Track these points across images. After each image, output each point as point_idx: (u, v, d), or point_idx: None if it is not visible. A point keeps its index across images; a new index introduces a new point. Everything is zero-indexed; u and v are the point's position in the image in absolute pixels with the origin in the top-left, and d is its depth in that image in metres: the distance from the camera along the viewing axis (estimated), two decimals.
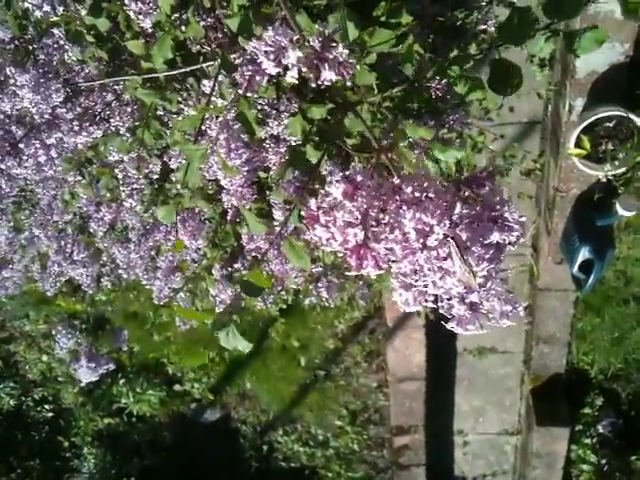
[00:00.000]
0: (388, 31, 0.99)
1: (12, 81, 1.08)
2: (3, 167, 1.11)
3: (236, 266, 1.88)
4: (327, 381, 3.88)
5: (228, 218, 1.75)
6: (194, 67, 1.05)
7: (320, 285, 1.99)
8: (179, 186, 1.24)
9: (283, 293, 2.32)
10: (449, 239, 0.73)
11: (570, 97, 2.64)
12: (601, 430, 3.45)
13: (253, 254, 1.77)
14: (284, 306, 3.24)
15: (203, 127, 1.21)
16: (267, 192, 1.56)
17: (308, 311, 3.59)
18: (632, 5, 0.83)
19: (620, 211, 2.67)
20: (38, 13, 0.98)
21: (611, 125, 2.63)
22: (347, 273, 0.80)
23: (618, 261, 3.24)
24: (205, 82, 1.06)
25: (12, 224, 1.87)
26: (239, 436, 4.04)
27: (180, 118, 1.21)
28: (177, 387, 3.98)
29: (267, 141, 1.30)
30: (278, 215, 1.32)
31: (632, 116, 2.56)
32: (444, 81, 1.51)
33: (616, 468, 3.46)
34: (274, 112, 1.27)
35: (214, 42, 1.09)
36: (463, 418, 3.83)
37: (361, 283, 2.34)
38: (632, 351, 3.47)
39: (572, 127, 2.64)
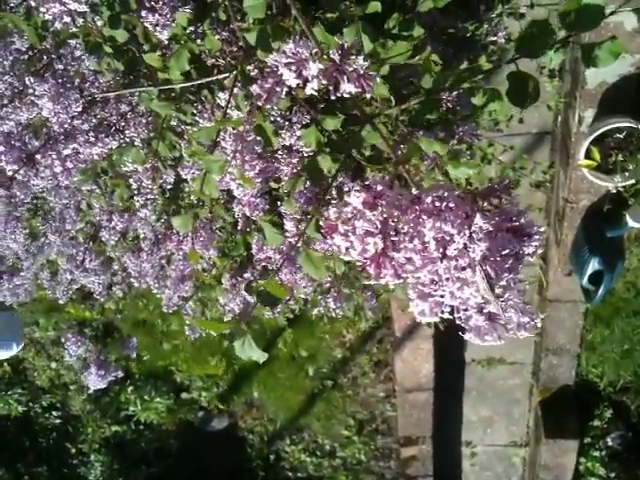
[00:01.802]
0: (404, 43, 1.00)
1: (30, 91, 1.10)
2: (20, 178, 1.13)
3: (246, 276, 1.89)
4: (335, 391, 3.87)
5: (239, 228, 1.76)
6: (209, 79, 1.06)
7: (328, 295, 1.99)
8: (193, 197, 1.25)
9: (292, 303, 2.33)
10: (477, 267, 0.73)
11: (580, 108, 2.64)
12: (610, 443, 3.43)
13: (263, 264, 1.78)
14: (292, 316, 3.24)
15: (217, 139, 1.22)
16: (278, 203, 1.57)
17: (316, 321, 3.59)
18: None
19: (630, 223, 2.66)
20: (58, 24, 0.99)
21: (621, 136, 2.63)
22: (365, 282, 0.81)
23: (628, 273, 3.23)
24: (220, 94, 1.07)
25: (27, 231, 1.89)
26: (246, 445, 4.03)
27: (195, 130, 1.22)
28: (185, 395, 3.98)
29: (279, 152, 1.31)
30: (290, 226, 1.32)
31: None
32: (455, 93, 1.52)
33: None
34: (287, 123, 1.28)
35: (229, 55, 1.11)
36: (471, 429, 3.82)
37: (369, 294, 2.34)
38: None
39: (582, 138, 2.64)
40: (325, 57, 0.78)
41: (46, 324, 3.94)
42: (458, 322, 0.78)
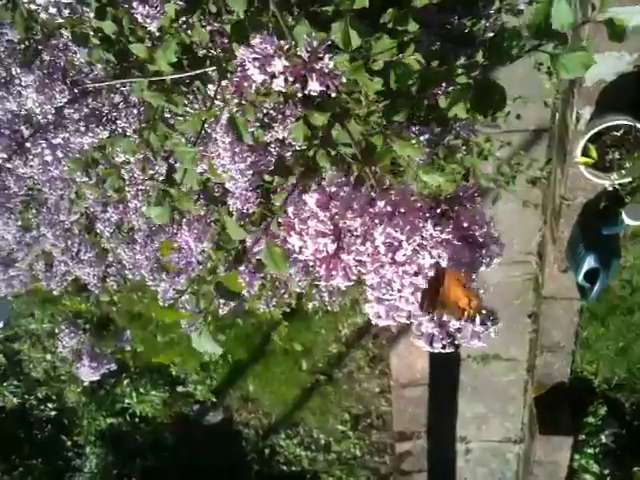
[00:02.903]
0: (389, 40, 0.99)
1: (17, 81, 1.09)
2: (10, 166, 1.12)
3: (240, 269, 1.89)
4: (330, 385, 3.88)
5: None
6: (199, 71, 1.06)
7: (323, 289, 2.00)
8: (184, 188, 1.25)
9: (286, 296, 2.33)
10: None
11: (577, 106, 2.63)
12: (604, 440, 3.44)
13: (257, 257, 1.78)
14: (287, 310, 3.24)
15: (210, 130, 1.22)
16: (272, 196, 1.57)
17: (312, 315, 3.59)
18: (617, 29, 0.84)
19: (626, 220, 2.66)
20: (44, 15, 0.99)
21: (618, 134, 2.63)
22: (316, 283, 0.81)
23: (624, 270, 3.23)
24: (210, 86, 1.06)
25: (20, 223, 1.88)
26: (241, 439, 4.04)
27: (189, 119, 1.21)
28: (180, 388, 3.99)
29: (272, 145, 1.31)
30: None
31: None
32: (450, 89, 1.52)
33: (619, 478, 3.44)
34: (280, 116, 1.27)
35: (220, 46, 1.10)
36: (466, 425, 3.82)
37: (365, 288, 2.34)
38: (636, 361, 3.46)
39: (579, 136, 2.64)
40: (296, 54, 0.77)
41: (42, 316, 3.94)
42: (412, 328, 0.78)
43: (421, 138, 1.63)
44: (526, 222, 3.20)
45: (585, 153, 2.61)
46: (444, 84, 1.38)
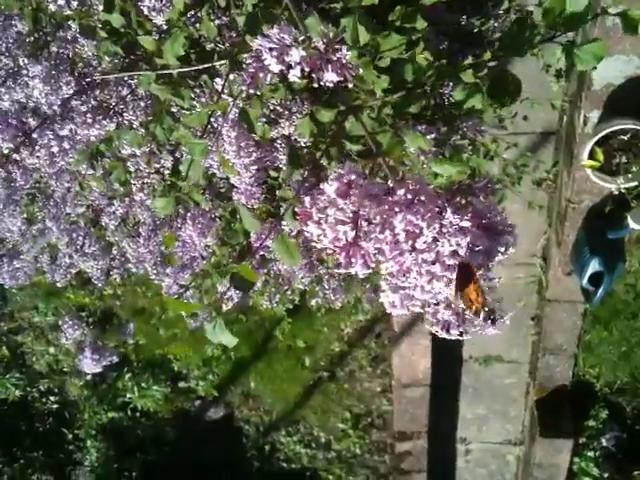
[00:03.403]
0: (398, 37, 0.99)
1: (24, 72, 1.10)
2: (17, 158, 1.13)
3: (244, 264, 1.89)
4: (331, 384, 3.88)
5: (238, 216, 1.76)
6: (207, 65, 1.06)
7: (326, 286, 1.99)
8: (190, 182, 1.25)
9: (289, 293, 2.33)
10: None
11: (585, 109, 2.63)
12: (605, 444, 3.43)
13: (261, 253, 1.78)
14: (291, 306, 3.24)
15: (216, 125, 1.22)
16: (277, 192, 1.57)
17: (314, 312, 3.59)
18: (633, 21, 0.84)
19: (632, 224, 2.65)
20: (52, 6, 0.99)
21: (625, 138, 2.62)
22: (336, 270, 0.81)
23: (628, 275, 3.23)
24: (217, 80, 1.07)
25: (25, 215, 1.89)
26: (242, 435, 4.04)
27: (196, 112, 1.21)
28: (182, 384, 3.99)
29: (278, 141, 1.31)
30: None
31: None
32: (447, 87, 1.51)
33: None
34: (286, 112, 1.27)
35: (228, 40, 1.10)
36: (466, 426, 3.82)
37: (368, 286, 2.34)
38: (639, 366, 3.45)
39: (586, 139, 2.63)
40: (311, 45, 0.78)
41: (45, 309, 3.95)
42: (427, 316, 0.78)
43: (427, 137, 1.62)
44: (531, 224, 3.20)
45: (592, 156, 2.60)
46: (452, 83, 1.39)
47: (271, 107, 1.24)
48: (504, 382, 3.66)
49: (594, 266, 2.77)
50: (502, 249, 0.77)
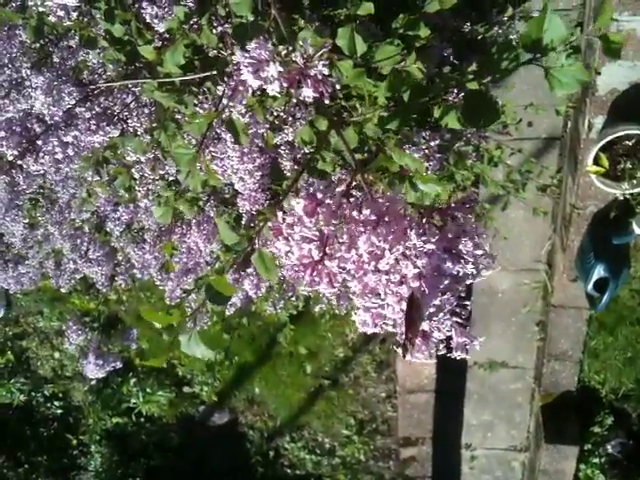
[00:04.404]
0: (391, 47, 0.99)
1: (27, 83, 1.10)
2: (21, 164, 1.13)
3: (249, 271, 1.89)
4: (336, 390, 3.87)
5: (242, 222, 1.77)
6: (207, 73, 1.06)
7: (328, 294, 1.99)
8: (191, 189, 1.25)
9: (294, 299, 2.33)
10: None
11: (590, 114, 2.63)
12: (610, 450, 3.42)
13: None
14: (295, 312, 3.24)
15: (219, 131, 1.22)
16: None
17: (318, 318, 3.58)
18: (614, 44, 0.83)
19: (637, 230, 2.65)
20: (52, 18, 1.00)
21: (630, 144, 2.62)
22: (301, 289, 0.80)
23: (633, 280, 3.22)
24: (219, 87, 1.07)
25: (28, 221, 1.90)
26: (246, 441, 4.04)
27: (196, 121, 1.21)
28: (186, 389, 3.99)
29: (282, 147, 1.31)
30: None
31: None
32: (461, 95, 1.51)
33: None
34: (290, 119, 1.28)
35: (230, 48, 1.11)
36: (471, 432, 3.81)
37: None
38: None
39: (591, 144, 2.63)
40: (292, 60, 0.77)
41: (50, 314, 3.95)
42: (397, 337, 0.77)
43: (431, 144, 1.63)
44: (536, 230, 3.19)
45: (596, 162, 2.60)
46: (456, 90, 1.38)
47: (275, 113, 1.24)
48: (509, 388, 3.65)
49: (599, 272, 2.77)
50: (474, 272, 0.76)
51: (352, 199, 0.77)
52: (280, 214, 0.78)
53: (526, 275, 3.32)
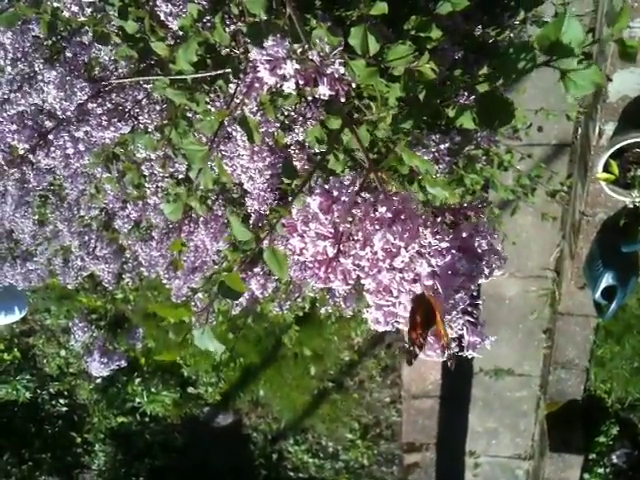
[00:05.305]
0: (404, 47, 0.99)
1: (40, 77, 1.11)
2: (32, 159, 1.14)
3: (256, 270, 1.89)
4: (340, 393, 3.87)
5: (251, 222, 1.77)
6: (220, 71, 1.07)
7: (337, 294, 1.99)
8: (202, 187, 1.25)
9: (300, 300, 2.32)
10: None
11: (600, 121, 2.62)
12: (615, 460, 3.40)
13: None
14: (300, 314, 3.24)
15: (230, 129, 1.22)
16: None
17: (324, 321, 3.58)
18: (630, 48, 0.82)
19: None
20: (66, 13, 1.00)
21: None
22: (315, 285, 0.80)
23: None
24: (231, 85, 1.07)
25: (37, 217, 1.90)
26: (249, 443, 4.04)
27: (207, 119, 1.22)
28: (191, 390, 4.00)
29: (292, 147, 1.31)
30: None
31: None
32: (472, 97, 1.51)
33: None
34: (301, 118, 1.28)
35: (243, 46, 1.11)
36: (476, 439, 3.79)
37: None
38: None
39: (601, 151, 2.62)
40: (308, 58, 0.77)
41: (58, 312, 3.96)
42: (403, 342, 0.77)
43: (441, 147, 1.62)
44: (544, 236, 3.18)
45: (606, 169, 2.59)
46: (466, 93, 1.38)
47: (285, 112, 1.24)
48: (515, 395, 3.63)
49: (607, 280, 2.76)
50: (486, 272, 0.77)
51: (367, 197, 0.78)
52: (294, 211, 0.79)
53: (534, 282, 3.31)
